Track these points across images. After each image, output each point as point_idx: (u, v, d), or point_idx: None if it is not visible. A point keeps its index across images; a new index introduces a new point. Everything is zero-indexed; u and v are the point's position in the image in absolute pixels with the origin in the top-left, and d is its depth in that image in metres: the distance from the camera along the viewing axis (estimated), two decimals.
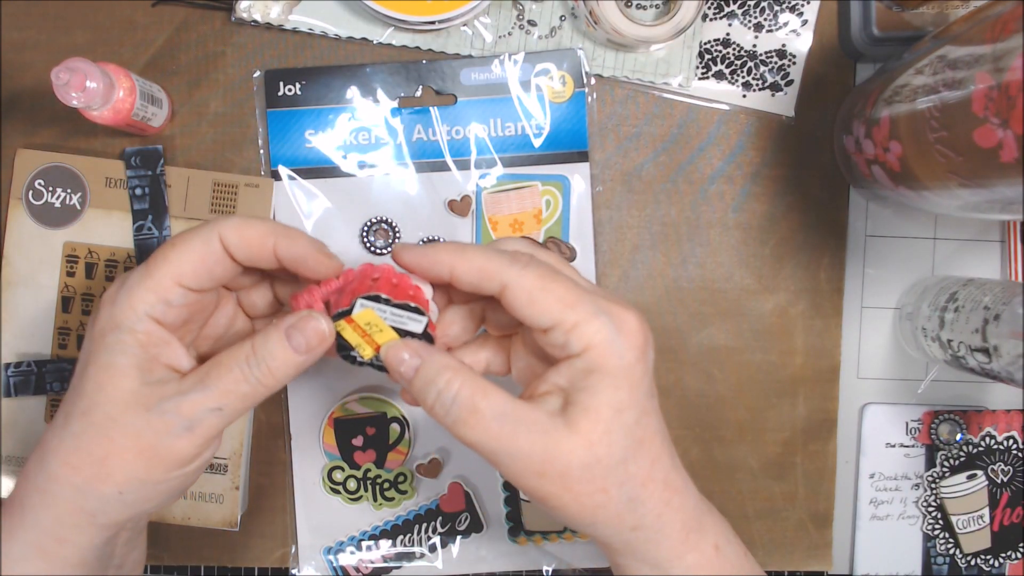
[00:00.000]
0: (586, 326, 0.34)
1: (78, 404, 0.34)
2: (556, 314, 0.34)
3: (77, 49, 0.51)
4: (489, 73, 0.51)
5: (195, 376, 0.34)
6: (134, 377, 0.34)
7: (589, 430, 0.33)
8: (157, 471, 0.34)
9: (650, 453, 0.35)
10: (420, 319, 0.36)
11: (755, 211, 0.53)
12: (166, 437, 0.33)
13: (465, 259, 0.35)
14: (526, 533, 0.53)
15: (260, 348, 0.34)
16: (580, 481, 0.33)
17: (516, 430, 0.33)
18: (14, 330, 0.51)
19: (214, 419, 0.34)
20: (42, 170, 0.51)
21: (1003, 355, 0.43)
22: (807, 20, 0.52)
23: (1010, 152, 0.33)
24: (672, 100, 0.53)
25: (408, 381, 0.35)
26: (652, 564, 0.36)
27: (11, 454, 0.51)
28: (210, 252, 0.35)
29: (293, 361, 0.35)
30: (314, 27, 0.51)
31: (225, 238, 0.35)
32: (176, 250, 0.35)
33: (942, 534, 0.54)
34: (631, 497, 0.34)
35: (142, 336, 0.34)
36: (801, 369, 0.53)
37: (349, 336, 0.36)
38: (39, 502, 0.35)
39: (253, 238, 0.35)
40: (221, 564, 0.54)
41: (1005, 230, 0.54)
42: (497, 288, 0.35)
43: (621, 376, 0.34)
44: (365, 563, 0.53)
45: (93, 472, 0.34)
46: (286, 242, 0.35)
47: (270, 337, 0.34)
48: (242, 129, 0.52)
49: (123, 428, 0.33)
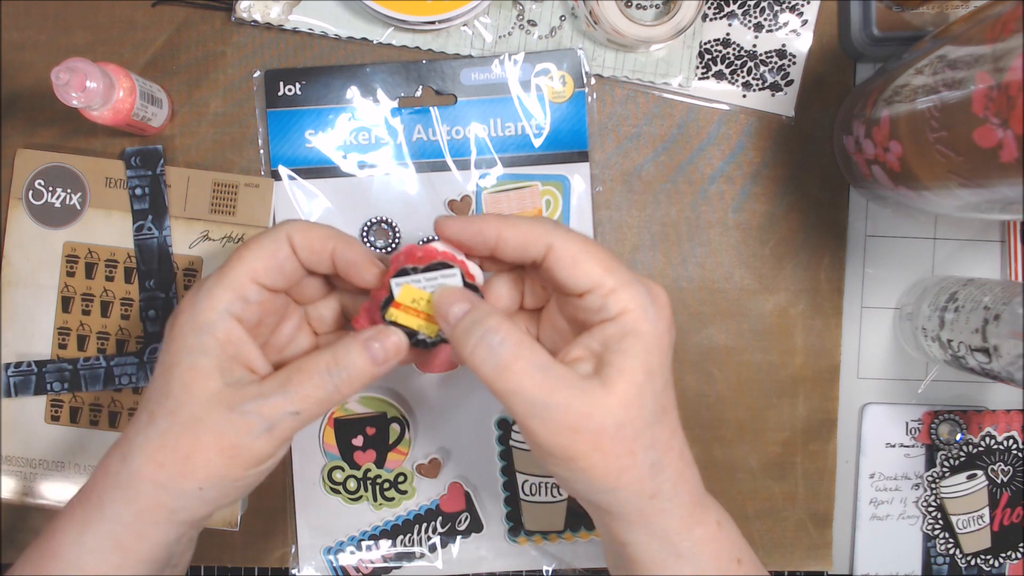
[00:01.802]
0: (624, 291, 0.35)
1: (165, 404, 0.35)
2: (596, 277, 0.35)
3: (77, 49, 0.51)
4: (489, 73, 0.51)
5: (276, 380, 0.36)
6: (217, 378, 0.35)
7: (624, 390, 0.34)
8: (237, 469, 0.35)
9: (671, 422, 0.36)
10: (452, 271, 0.37)
11: (755, 211, 0.53)
12: (247, 437, 0.35)
13: (511, 225, 0.36)
14: (526, 533, 0.53)
15: (342, 357, 0.36)
16: (613, 440, 0.34)
17: (557, 384, 0.34)
18: (14, 330, 0.51)
19: (292, 422, 0.36)
20: (42, 170, 0.51)
21: (1003, 355, 0.43)
22: (807, 20, 0.52)
23: (1010, 152, 0.33)
24: (672, 100, 0.53)
25: (456, 321, 0.36)
26: (662, 536, 0.36)
27: (11, 454, 0.51)
28: (280, 250, 0.37)
29: (371, 372, 0.36)
30: (314, 27, 0.51)
31: (293, 238, 0.37)
32: (249, 250, 0.37)
33: (942, 534, 0.54)
34: (654, 462, 0.35)
35: (222, 336, 0.36)
36: (801, 369, 0.53)
37: (406, 321, 0.37)
38: (120, 497, 0.36)
39: (316, 240, 0.37)
40: (221, 564, 0.54)
41: (1005, 230, 0.54)
42: (542, 250, 0.36)
43: (653, 342, 0.35)
44: (365, 563, 0.53)
45: (177, 469, 0.35)
46: (343, 247, 0.38)
47: (351, 348, 0.36)
48: (242, 129, 0.52)
49: (208, 427, 0.35)
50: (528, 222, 0.37)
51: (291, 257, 0.37)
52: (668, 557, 0.37)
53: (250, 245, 0.37)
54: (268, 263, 0.37)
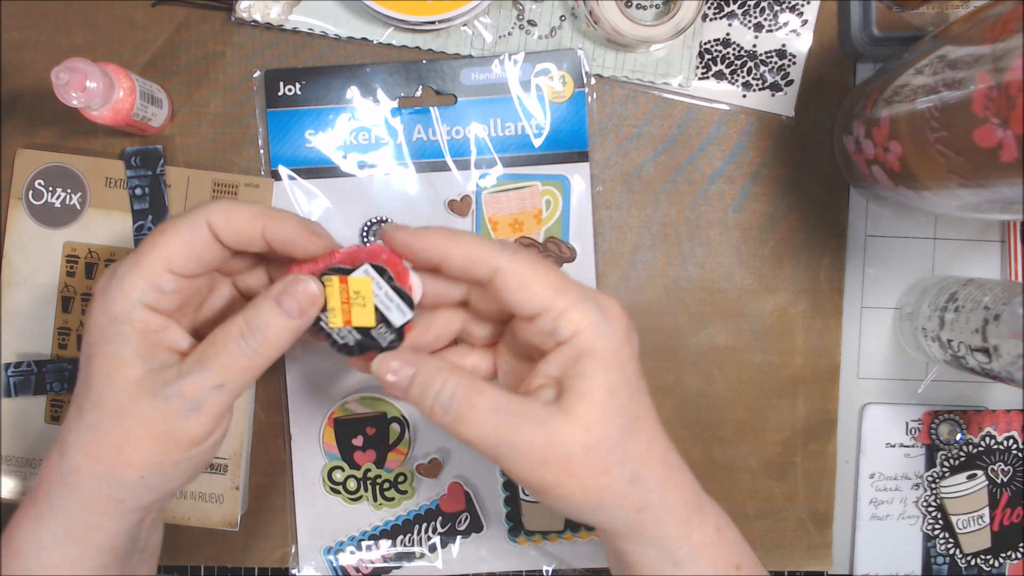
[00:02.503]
0: (574, 311, 0.35)
1: (88, 396, 0.35)
2: (545, 299, 0.35)
3: (77, 49, 0.51)
4: (489, 73, 0.51)
5: (193, 357, 0.35)
6: (138, 365, 0.34)
7: (585, 412, 0.34)
8: (173, 453, 0.35)
9: (646, 431, 0.36)
10: (406, 314, 0.36)
11: (755, 211, 0.53)
12: (175, 420, 0.34)
13: (458, 243, 0.35)
14: (526, 533, 0.53)
15: (253, 319, 0.34)
16: (583, 464, 0.34)
17: (514, 422, 0.34)
18: (14, 330, 0.51)
19: (218, 397, 0.34)
20: (42, 170, 0.51)
21: (1003, 355, 0.43)
22: (807, 20, 0.52)
23: (1010, 152, 0.33)
24: (672, 100, 0.53)
25: (404, 390, 0.36)
26: (658, 546, 0.36)
27: (11, 454, 0.51)
28: (198, 237, 0.35)
29: (288, 326, 0.35)
30: (314, 27, 0.51)
31: (212, 223, 0.35)
32: (165, 235, 0.35)
33: (942, 534, 0.54)
34: (634, 476, 0.35)
35: (139, 324, 0.34)
36: (801, 369, 0.53)
37: (330, 295, 0.36)
38: (66, 493, 0.35)
39: (241, 222, 0.35)
40: (221, 564, 0.54)
41: (1005, 230, 0.54)
42: (488, 273, 0.35)
43: (611, 358, 0.35)
44: (365, 563, 0.53)
45: (114, 461, 0.34)
46: (273, 223, 0.35)
47: (261, 307, 0.35)
48: (242, 129, 0.52)
49: (134, 416, 0.34)
50: (476, 242, 0.36)
51: (211, 243, 0.35)
52: (666, 565, 0.36)
53: (165, 231, 0.35)
54: (184, 251, 0.35)
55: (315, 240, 0.36)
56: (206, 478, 0.51)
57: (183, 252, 0.35)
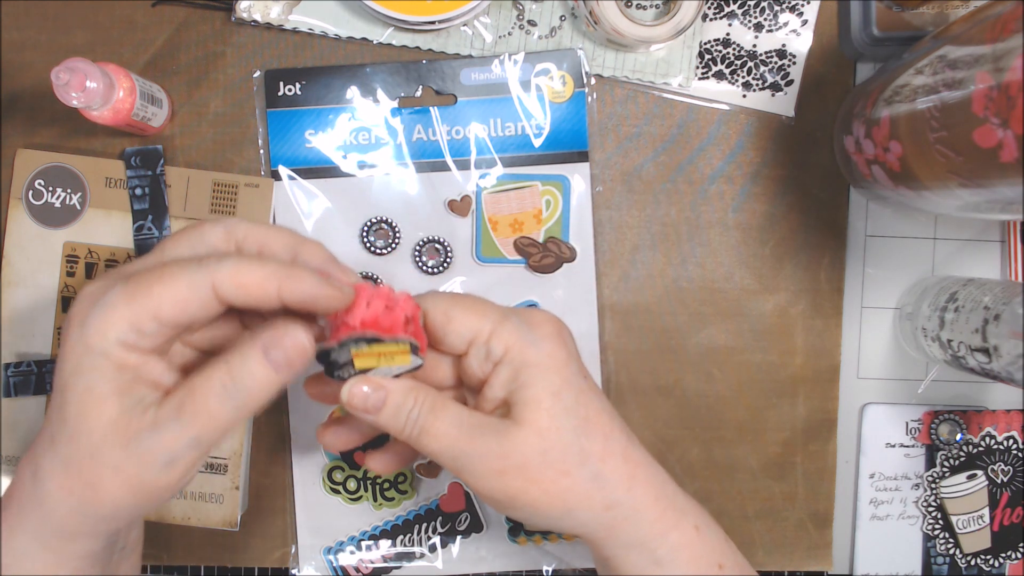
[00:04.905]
0: (500, 329, 0.36)
1: (63, 430, 0.33)
2: (472, 325, 0.36)
3: (77, 49, 0.51)
4: (489, 73, 0.51)
5: (171, 404, 0.32)
6: (113, 403, 0.32)
7: (535, 418, 0.35)
8: (143, 499, 0.33)
9: (600, 429, 0.37)
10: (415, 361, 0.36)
11: (755, 211, 0.53)
12: (148, 471, 0.32)
13: None
14: (526, 533, 0.53)
15: (237, 370, 0.32)
16: (541, 468, 0.35)
17: (472, 434, 0.35)
18: (14, 330, 0.51)
19: (194, 452, 0.33)
20: (42, 170, 0.51)
21: (1003, 355, 0.43)
22: (807, 20, 0.52)
23: (1010, 152, 0.33)
24: (672, 100, 0.53)
25: (377, 412, 0.36)
26: (638, 545, 0.37)
27: (11, 454, 0.51)
28: (195, 298, 0.32)
29: (274, 380, 0.32)
30: (314, 27, 0.51)
31: (219, 286, 0.32)
32: (160, 285, 0.32)
33: (942, 534, 0.54)
34: (595, 474, 0.36)
35: (116, 360, 0.32)
36: (801, 369, 0.53)
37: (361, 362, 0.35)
38: (38, 510, 0.34)
39: (252, 284, 0.32)
40: (221, 564, 0.54)
41: (1005, 230, 0.54)
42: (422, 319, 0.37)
43: (546, 363, 0.36)
44: (365, 563, 0.53)
45: (86, 495, 0.33)
46: (290, 284, 0.32)
47: (248, 357, 0.32)
48: (242, 129, 0.52)
49: (106, 462, 0.32)
50: None
51: (209, 304, 0.32)
52: (648, 565, 0.37)
53: (165, 279, 0.32)
54: (176, 307, 0.32)
55: (337, 296, 0.33)
56: (206, 478, 0.51)
57: (174, 308, 0.32)
